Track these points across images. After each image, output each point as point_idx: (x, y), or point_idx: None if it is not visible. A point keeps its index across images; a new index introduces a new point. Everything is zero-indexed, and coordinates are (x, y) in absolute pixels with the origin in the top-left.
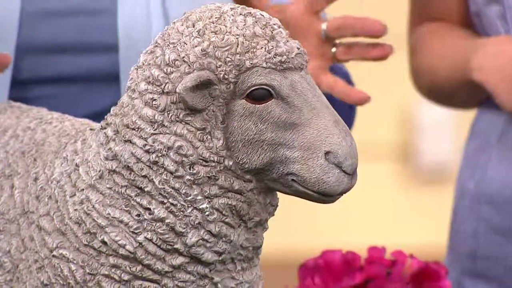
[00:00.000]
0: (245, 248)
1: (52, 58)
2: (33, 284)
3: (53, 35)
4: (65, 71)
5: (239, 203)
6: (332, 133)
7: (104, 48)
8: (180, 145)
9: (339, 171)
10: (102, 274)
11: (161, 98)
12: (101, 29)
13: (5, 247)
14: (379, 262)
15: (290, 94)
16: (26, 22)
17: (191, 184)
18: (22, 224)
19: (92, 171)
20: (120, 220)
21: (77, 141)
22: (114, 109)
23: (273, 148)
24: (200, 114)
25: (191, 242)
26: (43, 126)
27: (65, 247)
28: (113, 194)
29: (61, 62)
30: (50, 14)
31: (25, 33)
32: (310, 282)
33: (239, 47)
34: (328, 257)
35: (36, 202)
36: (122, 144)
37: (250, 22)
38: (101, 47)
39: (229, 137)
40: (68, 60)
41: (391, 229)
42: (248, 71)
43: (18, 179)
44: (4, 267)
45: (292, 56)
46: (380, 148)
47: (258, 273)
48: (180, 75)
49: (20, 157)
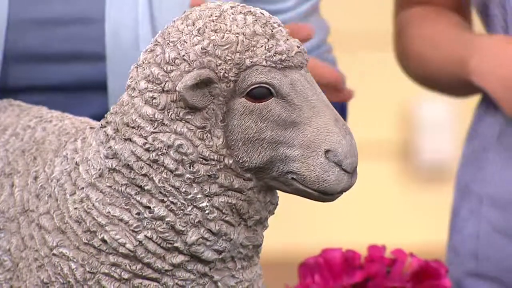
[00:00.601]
0: (245, 247)
1: (39, 66)
2: (33, 282)
3: (41, 43)
4: (52, 79)
5: (239, 202)
6: (332, 132)
7: (92, 57)
8: (180, 144)
9: (339, 169)
10: (102, 272)
11: (161, 97)
12: (89, 38)
13: (5, 246)
14: (379, 261)
15: (290, 93)
16: (14, 31)
17: (191, 182)
18: (22, 222)
19: (92, 169)
20: (120, 219)
21: (77, 140)
22: (114, 108)
23: (273, 147)
24: (200, 113)
25: (191, 240)
26: (43, 124)
27: (65, 246)
28: (113, 192)
29: (49, 71)
30: (37, 22)
31: (13, 41)
32: (310, 280)
33: (239, 45)
34: (328, 255)
35: (36, 200)
36: (122, 142)
37: (250, 21)
38: (89, 56)
39: (229, 135)
40: (55, 69)
41: (391, 227)
42: (248, 69)
43: (18, 177)
44: (4, 265)
45: (292, 54)
46: (380, 146)
47: (258, 272)
48: (180, 74)
49: (20, 156)
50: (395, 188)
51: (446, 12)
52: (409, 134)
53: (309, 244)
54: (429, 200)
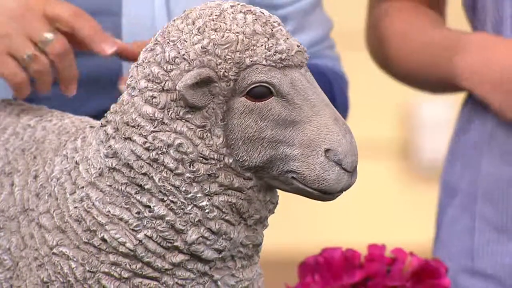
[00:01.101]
0: (245, 246)
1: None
2: (33, 281)
3: None
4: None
5: (239, 201)
6: (332, 131)
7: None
8: (180, 143)
9: (339, 168)
10: (102, 271)
11: (161, 96)
12: (105, 30)
13: (5, 245)
14: (379, 260)
15: (290, 92)
16: None
17: (191, 181)
18: (22, 221)
19: (92, 168)
20: (120, 218)
21: (77, 139)
22: (114, 107)
23: (273, 146)
24: (200, 112)
25: (191, 239)
26: (43, 123)
27: (65, 245)
28: (113, 191)
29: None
30: None
31: None
32: (310, 279)
33: (239, 44)
34: (328, 254)
35: (36, 199)
36: (122, 141)
37: (250, 20)
38: None
39: (229, 134)
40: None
41: (391, 226)
42: (248, 68)
43: (18, 176)
44: (4, 264)
45: (292, 53)
46: (380, 145)
47: (258, 271)
48: (180, 73)
49: (20, 155)
50: (395, 187)
51: (423, 7)
52: (409, 134)
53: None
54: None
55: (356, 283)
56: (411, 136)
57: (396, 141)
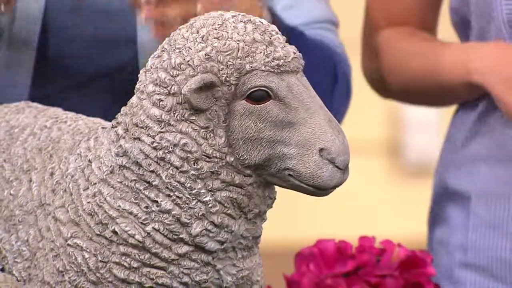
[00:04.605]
0: (245, 238)
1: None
2: (49, 270)
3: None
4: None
5: (239, 196)
6: (325, 131)
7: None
8: (185, 143)
9: (332, 166)
10: (113, 261)
11: (167, 99)
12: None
13: (23, 237)
14: (369, 251)
15: (287, 95)
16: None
17: (195, 178)
18: (39, 215)
19: (104, 166)
20: (130, 212)
21: (90, 139)
22: (124, 109)
23: (271, 145)
24: (204, 114)
25: (195, 232)
26: (58, 125)
27: (79, 237)
28: (123, 187)
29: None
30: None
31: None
32: (305, 269)
33: (239, 51)
34: (322, 246)
35: (52, 195)
36: (131, 141)
37: (250, 29)
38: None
39: (230, 135)
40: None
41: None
42: (248, 74)
43: (35, 173)
44: (22, 255)
45: (288, 60)
46: (371, 144)
47: (257, 261)
48: (185, 78)
49: (37, 153)
50: (384, 184)
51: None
52: (397, 133)
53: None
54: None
55: (348, 272)
56: (399, 136)
57: (385, 140)
